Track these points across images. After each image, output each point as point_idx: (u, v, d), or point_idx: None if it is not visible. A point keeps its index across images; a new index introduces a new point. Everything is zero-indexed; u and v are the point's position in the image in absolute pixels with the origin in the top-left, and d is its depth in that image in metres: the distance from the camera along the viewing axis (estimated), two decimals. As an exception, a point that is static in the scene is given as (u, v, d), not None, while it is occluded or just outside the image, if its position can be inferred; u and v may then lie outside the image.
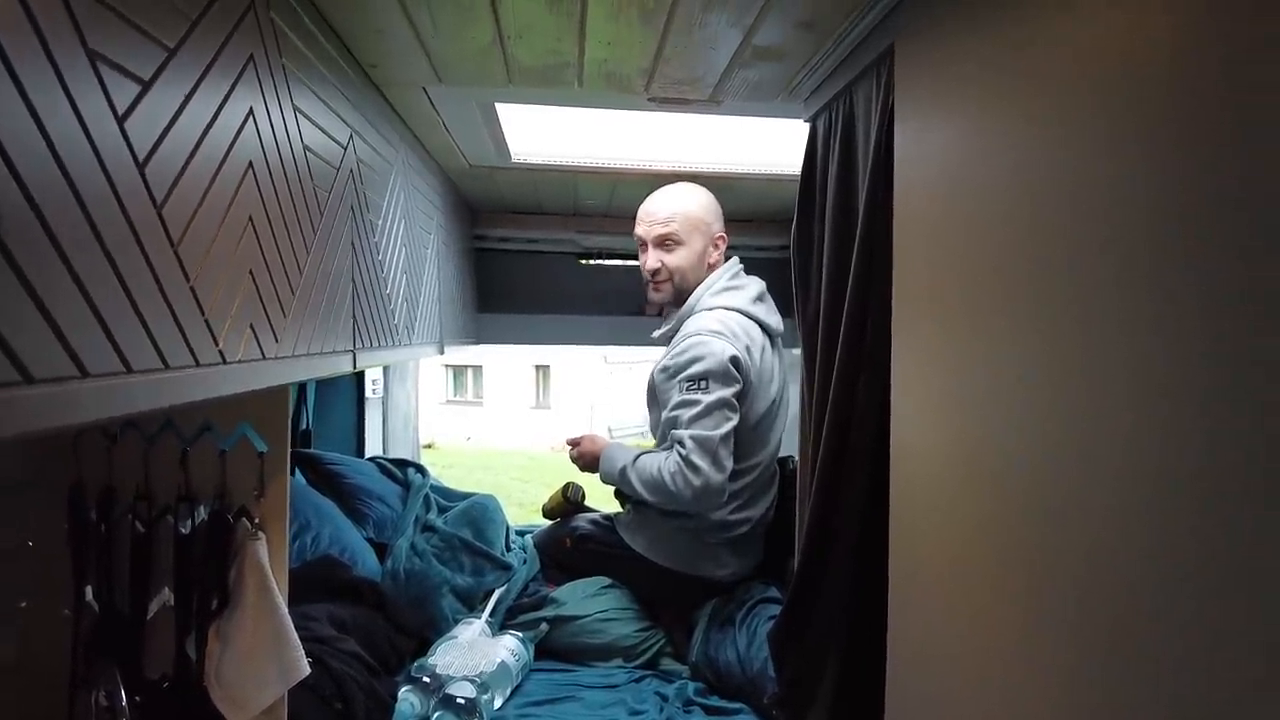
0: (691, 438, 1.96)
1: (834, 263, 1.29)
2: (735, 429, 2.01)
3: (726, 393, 1.99)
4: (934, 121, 1.00)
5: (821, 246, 1.36)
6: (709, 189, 2.33)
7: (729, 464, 1.99)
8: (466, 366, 21.26)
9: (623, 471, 2.11)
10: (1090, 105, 0.71)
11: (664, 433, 2.10)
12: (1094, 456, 0.70)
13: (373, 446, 3.11)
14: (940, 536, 0.97)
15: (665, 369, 2.09)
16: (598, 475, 2.22)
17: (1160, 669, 0.62)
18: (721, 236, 2.23)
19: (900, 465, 1.07)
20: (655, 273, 2.20)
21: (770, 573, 2.22)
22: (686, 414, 1.99)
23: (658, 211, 2.19)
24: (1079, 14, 0.74)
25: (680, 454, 1.97)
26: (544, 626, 2.07)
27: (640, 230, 2.23)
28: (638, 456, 2.10)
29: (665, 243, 2.18)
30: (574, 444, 2.31)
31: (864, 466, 1.21)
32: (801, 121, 1.53)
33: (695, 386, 1.99)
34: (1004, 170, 0.85)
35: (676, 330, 2.16)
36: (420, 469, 2.64)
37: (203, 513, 1.23)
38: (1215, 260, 0.58)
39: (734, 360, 2.00)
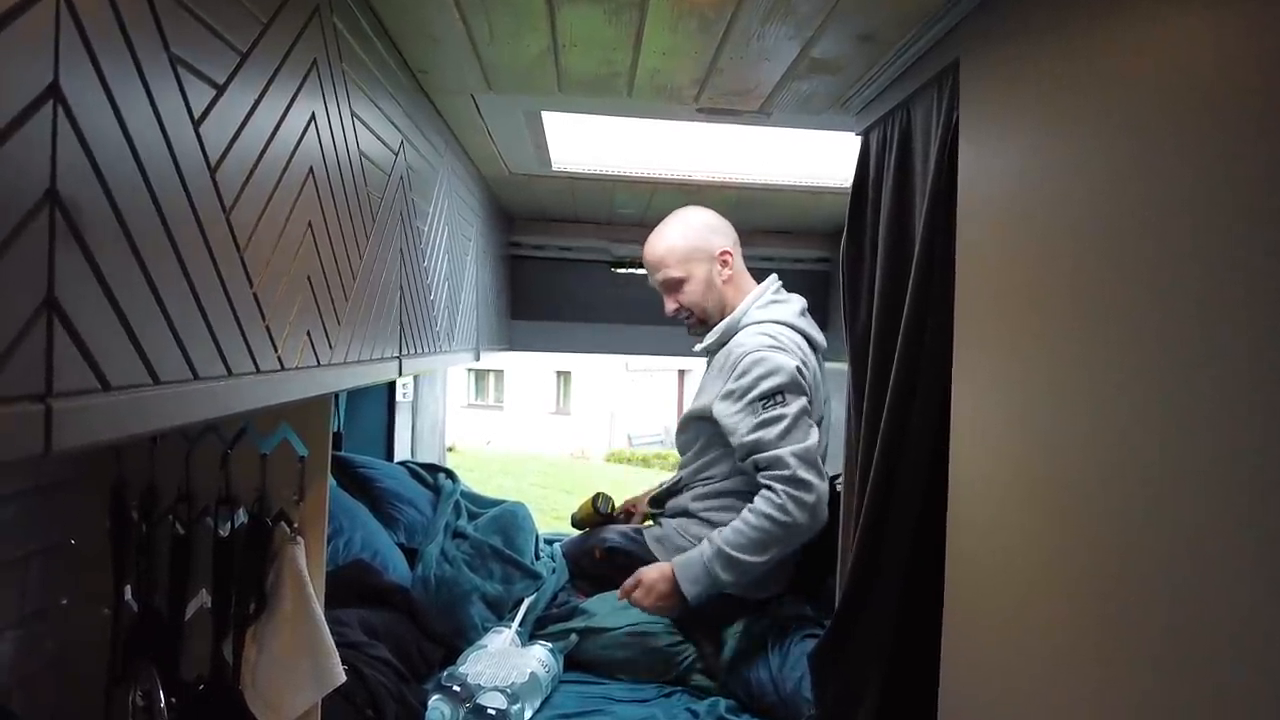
0: (792, 454, 1.84)
1: (888, 280, 1.27)
2: None
3: (804, 401, 1.92)
4: (1002, 139, 0.98)
5: (873, 263, 1.34)
6: (749, 201, 2.31)
7: (824, 471, 1.91)
8: (488, 371, 21.34)
9: (717, 556, 1.86)
10: (1170, 123, 0.69)
11: (741, 456, 1.95)
12: (1169, 489, 0.67)
13: (401, 450, 3.11)
14: (1001, 568, 0.94)
15: (729, 394, 1.98)
16: (688, 602, 1.91)
17: (1236, 700, 0.59)
18: (726, 251, 2.16)
19: (959, 494, 1.04)
20: (677, 313, 2.18)
21: (802, 590, 2.18)
22: (772, 432, 1.87)
23: (649, 260, 2.19)
24: (1158, 28, 0.72)
25: (784, 476, 1.83)
26: (573, 637, 2.05)
27: (650, 281, 2.23)
28: (716, 536, 1.90)
29: (668, 286, 2.16)
30: (632, 588, 1.99)
31: (916, 491, 1.18)
32: (852, 135, 1.51)
33: (772, 402, 1.90)
34: (1077, 191, 0.82)
35: (722, 343, 2.12)
36: (450, 474, 2.64)
37: (242, 515, 1.23)
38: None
39: (799, 370, 1.96)
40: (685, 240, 2.15)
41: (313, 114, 0.88)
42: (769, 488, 1.85)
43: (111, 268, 0.51)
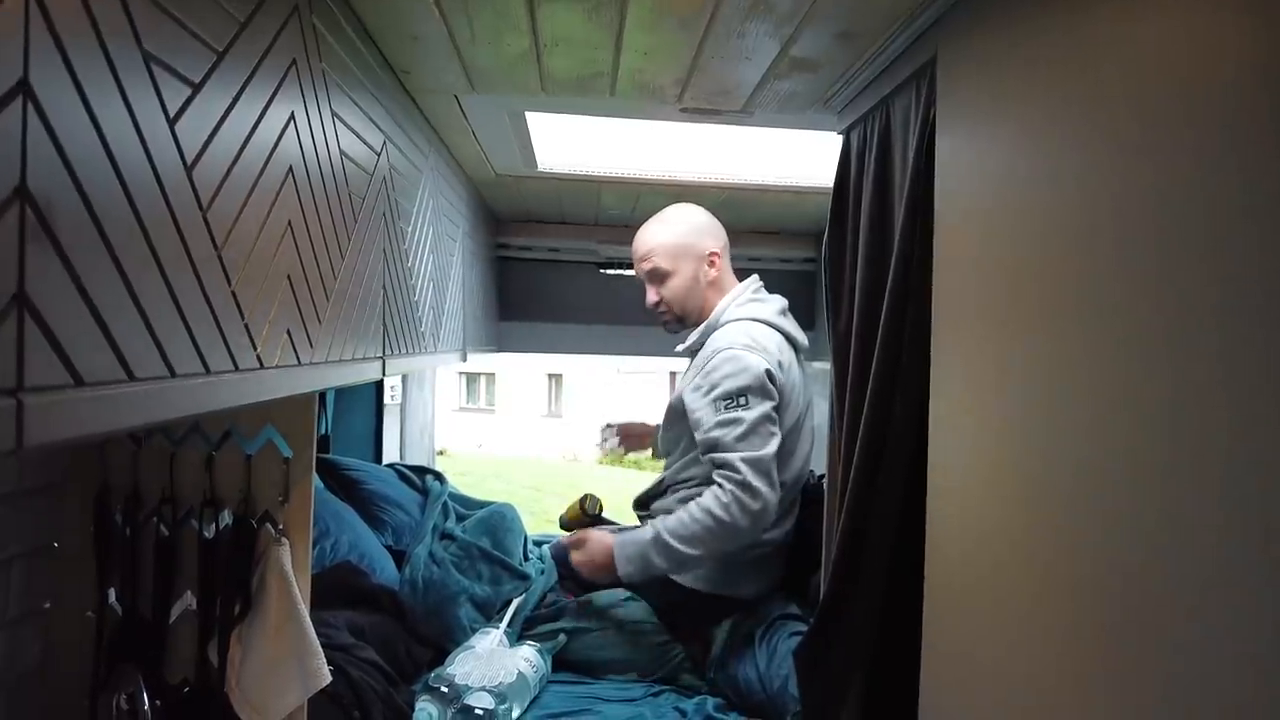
0: (744, 460, 1.86)
1: (868, 278, 1.27)
2: None
3: (767, 407, 1.92)
4: (979, 135, 0.98)
5: (854, 262, 1.34)
6: (735, 201, 2.32)
7: (778, 481, 1.91)
8: (480, 374, 21.31)
9: (654, 542, 1.90)
10: (1149, 119, 0.70)
11: (701, 450, 1.98)
12: (1143, 485, 0.68)
13: (390, 453, 3.11)
14: (980, 562, 0.95)
15: (698, 387, 2.00)
16: (620, 576, 1.97)
17: (1210, 696, 0.60)
18: (714, 253, 2.16)
19: (938, 489, 1.05)
20: (655, 305, 2.19)
21: (789, 589, 2.19)
22: (730, 434, 1.88)
23: (639, 248, 2.19)
24: (1136, 26, 0.72)
25: (735, 479, 1.85)
26: (562, 638, 2.05)
27: (634, 268, 2.24)
28: (659, 523, 1.94)
29: (653, 276, 2.17)
30: (575, 546, 2.10)
31: (897, 488, 1.19)
32: (834, 134, 1.52)
33: (734, 404, 1.90)
34: (1053, 187, 0.83)
35: (702, 343, 2.12)
36: (439, 476, 2.63)
37: (227, 517, 1.23)
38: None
39: (769, 374, 1.95)
40: (676, 236, 2.15)
41: (292, 114, 0.88)
42: (720, 485, 1.88)
43: (85, 264, 0.51)
